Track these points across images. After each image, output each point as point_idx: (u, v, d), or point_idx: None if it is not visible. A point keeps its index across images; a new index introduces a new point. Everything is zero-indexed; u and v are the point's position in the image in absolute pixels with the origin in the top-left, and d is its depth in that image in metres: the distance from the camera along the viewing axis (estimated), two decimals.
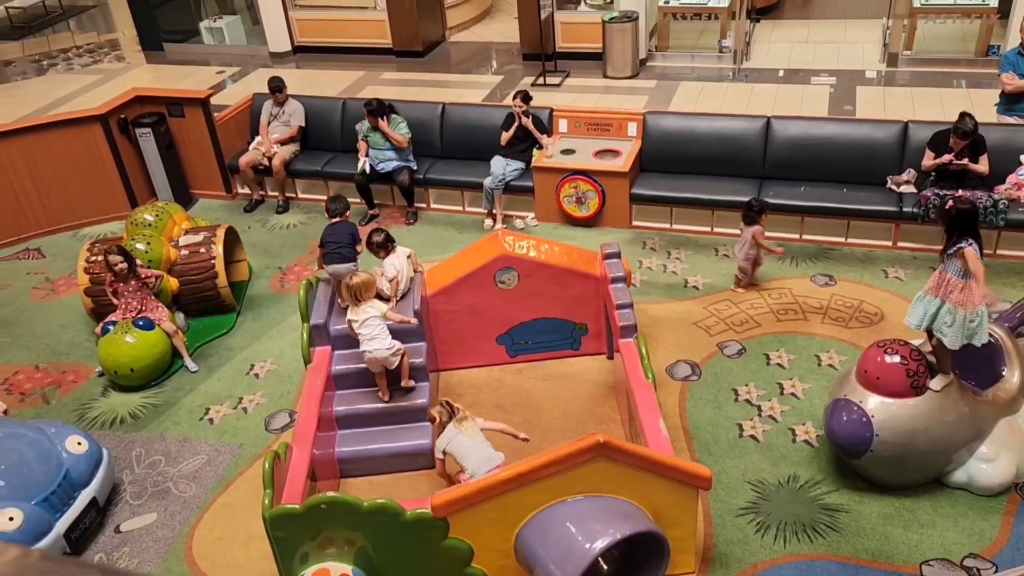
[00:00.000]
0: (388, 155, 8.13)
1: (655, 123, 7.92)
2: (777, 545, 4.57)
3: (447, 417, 4.89)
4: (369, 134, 8.12)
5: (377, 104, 8.00)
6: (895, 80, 10.82)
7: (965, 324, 4.36)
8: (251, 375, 6.32)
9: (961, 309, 4.36)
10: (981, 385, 4.86)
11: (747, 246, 6.56)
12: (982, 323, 4.38)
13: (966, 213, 4.39)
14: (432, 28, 13.29)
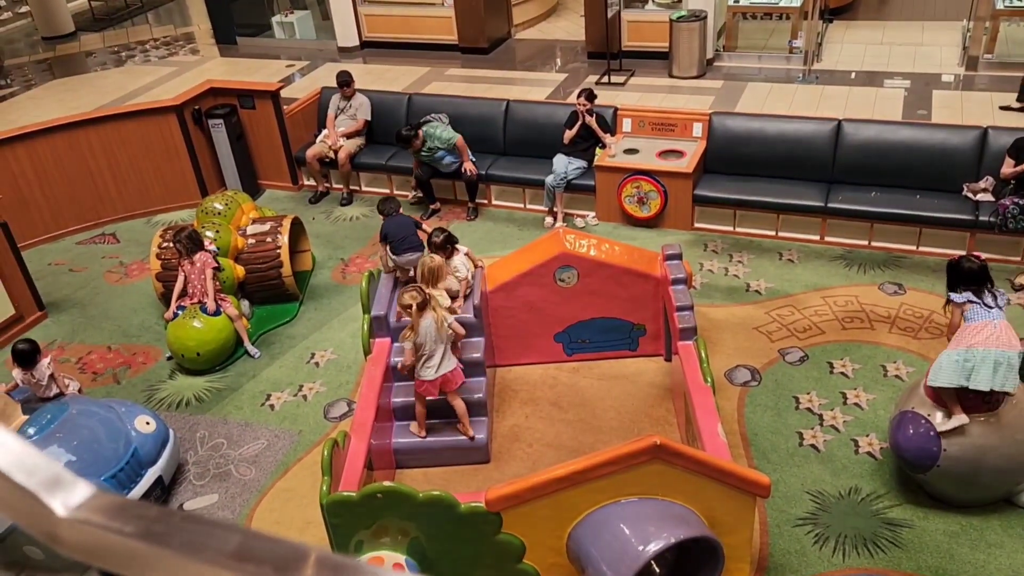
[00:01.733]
0: (445, 161, 8.07)
1: (721, 124, 7.81)
2: (836, 558, 4.47)
3: (422, 303, 4.88)
4: (417, 154, 8.08)
5: (401, 135, 7.94)
6: (974, 84, 10.45)
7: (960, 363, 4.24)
8: (311, 363, 6.44)
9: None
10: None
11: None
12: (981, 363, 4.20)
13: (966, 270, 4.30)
14: (498, 25, 13.33)
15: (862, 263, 6.99)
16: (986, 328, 4.31)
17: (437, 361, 5.00)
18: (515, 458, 5.32)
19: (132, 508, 0.71)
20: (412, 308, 4.91)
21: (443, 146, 7.99)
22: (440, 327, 4.96)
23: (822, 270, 6.97)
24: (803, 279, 6.87)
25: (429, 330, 4.95)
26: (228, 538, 0.68)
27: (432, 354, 4.98)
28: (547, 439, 5.44)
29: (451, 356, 5.08)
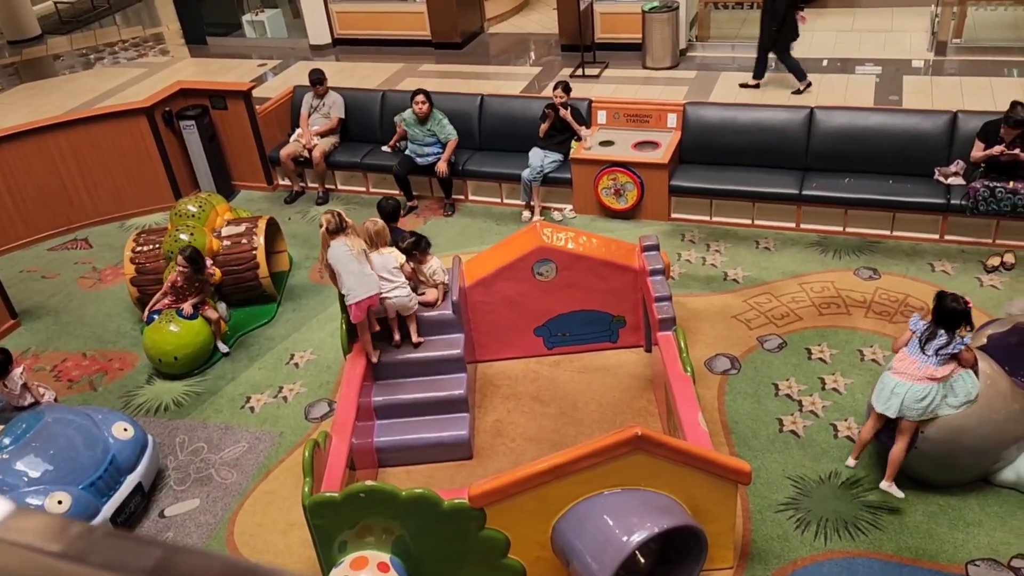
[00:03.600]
0: (429, 150, 8.14)
1: (695, 114, 7.83)
2: (817, 542, 4.51)
3: (335, 227, 4.99)
4: (412, 127, 8.13)
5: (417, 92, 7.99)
6: (943, 69, 10.54)
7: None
8: (291, 364, 6.40)
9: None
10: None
11: None
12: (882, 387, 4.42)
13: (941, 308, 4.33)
14: (471, 20, 13.28)
15: (837, 249, 7.05)
16: (904, 360, 4.39)
17: (352, 284, 5.00)
18: (498, 453, 5.32)
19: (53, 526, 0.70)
20: (323, 229, 5.04)
21: (441, 136, 8.00)
22: (357, 255, 5.03)
23: (798, 257, 7.02)
24: (780, 266, 6.92)
25: (339, 256, 5.01)
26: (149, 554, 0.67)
27: (352, 292, 5.01)
28: (529, 433, 5.44)
29: (376, 280, 5.09)
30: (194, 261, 6.23)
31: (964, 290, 6.28)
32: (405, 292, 5.29)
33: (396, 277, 5.26)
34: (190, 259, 6.22)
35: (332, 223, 5.06)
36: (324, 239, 5.11)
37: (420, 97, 7.94)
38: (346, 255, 5.04)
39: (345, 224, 5.10)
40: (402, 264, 5.34)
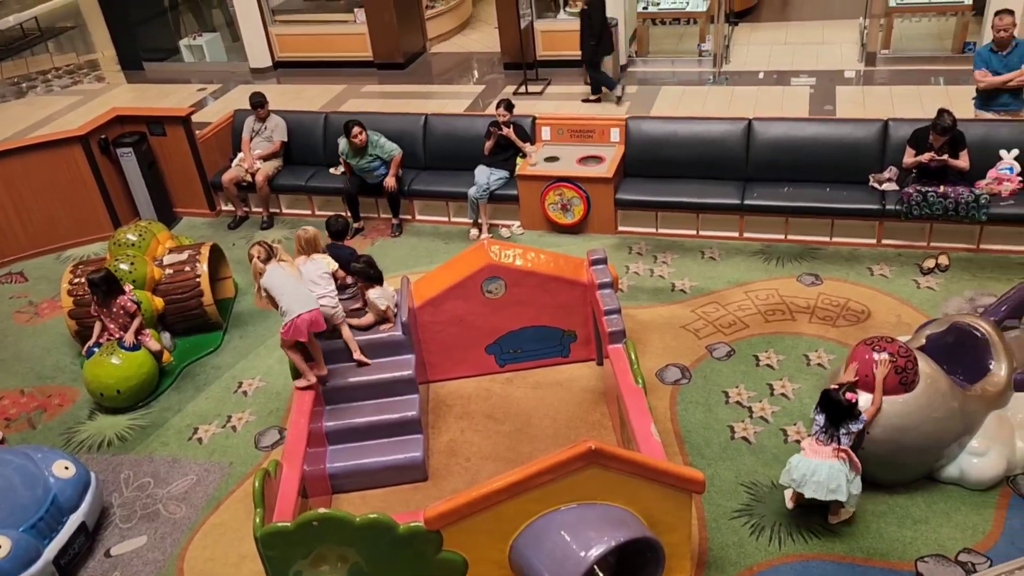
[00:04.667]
0: (376, 172, 8.06)
1: (637, 128, 7.94)
2: (772, 546, 4.56)
3: (265, 255, 5.14)
4: (351, 159, 8.03)
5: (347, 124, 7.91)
6: (874, 79, 10.90)
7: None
8: (239, 393, 6.28)
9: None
10: (969, 379, 4.88)
11: None
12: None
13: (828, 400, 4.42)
14: (412, 40, 13.31)
15: (780, 257, 7.19)
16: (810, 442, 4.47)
17: (288, 304, 5.05)
18: (453, 474, 5.28)
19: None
20: (253, 261, 5.17)
21: (383, 156, 7.98)
22: (294, 275, 5.14)
23: (743, 266, 7.14)
24: (725, 276, 7.03)
25: (274, 280, 5.09)
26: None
27: (290, 311, 5.05)
28: (484, 452, 5.41)
29: (312, 296, 5.14)
30: (96, 286, 6.07)
31: (902, 293, 6.50)
32: (332, 301, 5.31)
33: (324, 284, 5.30)
34: (92, 284, 6.07)
35: (262, 254, 5.17)
36: (256, 269, 5.17)
37: (356, 129, 7.80)
38: (281, 277, 5.12)
39: (274, 252, 5.21)
40: (334, 271, 5.39)
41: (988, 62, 7.38)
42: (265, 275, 5.13)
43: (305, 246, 5.44)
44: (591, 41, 10.47)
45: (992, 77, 7.33)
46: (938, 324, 5.25)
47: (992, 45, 7.36)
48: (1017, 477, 4.78)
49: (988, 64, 7.37)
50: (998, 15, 7.28)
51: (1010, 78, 7.25)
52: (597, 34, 10.40)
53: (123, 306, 6.16)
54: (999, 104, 7.43)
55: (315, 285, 5.28)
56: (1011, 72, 7.25)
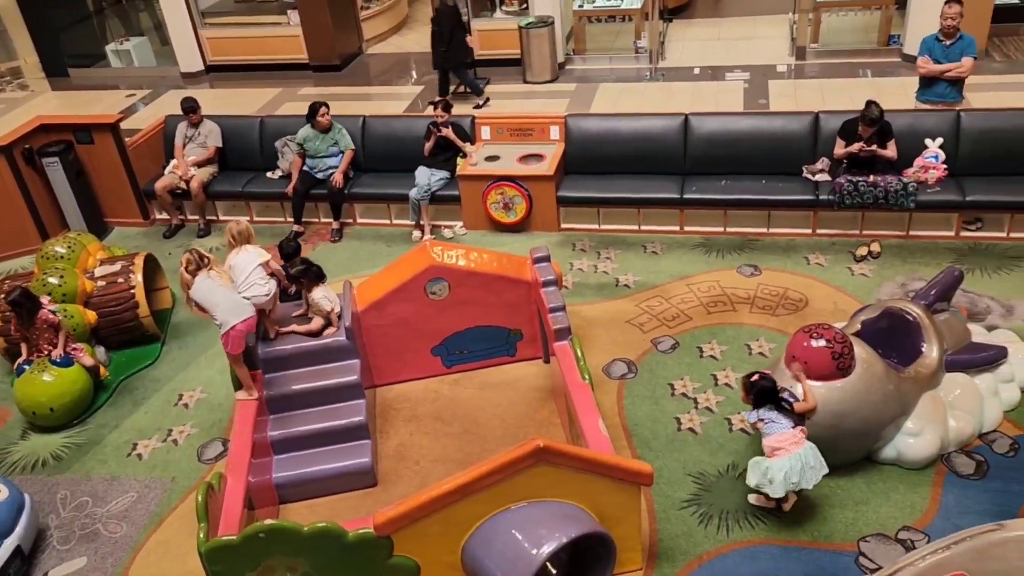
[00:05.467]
0: (331, 161, 8.05)
1: (577, 125, 7.98)
2: (720, 534, 4.63)
3: (195, 266, 5.00)
4: (312, 142, 7.99)
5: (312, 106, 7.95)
6: (804, 73, 11.16)
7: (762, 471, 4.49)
8: (180, 405, 6.13)
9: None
10: (903, 362, 5.02)
11: None
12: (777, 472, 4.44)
13: (761, 389, 4.50)
14: (348, 41, 13.17)
15: (720, 249, 7.31)
16: (782, 438, 4.45)
17: (223, 314, 4.94)
18: (403, 478, 5.23)
19: None
20: (182, 269, 5.04)
21: (341, 145, 8.02)
22: (225, 284, 5.03)
23: (684, 259, 7.24)
24: (668, 269, 7.11)
25: (204, 291, 4.98)
26: None
27: (225, 322, 4.94)
28: (434, 455, 5.38)
29: (246, 303, 5.05)
30: (18, 306, 5.87)
31: (837, 280, 6.66)
32: (263, 290, 5.21)
33: (255, 276, 5.21)
34: (12, 303, 5.87)
35: (192, 263, 5.03)
36: (185, 280, 5.02)
37: (324, 109, 7.92)
38: (211, 287, 4.98)
39: (205, 260, 5.06)
40: (267, 261, 5.30)
41: (931, 50, 7.52)
42: (194, 287, 5.00)
43: (237, 237, 5.35)
44: (440, 48, 10.70)
45: (932, 65, 7.52)
46: (872, 310, 5.39)
47: (939, 34, 7.52)
48: (951, 455, 4.94)
49: (931, 52, 7.52)
50: (947, 3, 7.40)
51: (947, 68, 7.42)
52: (446, 41, 10.62)
53: (45, 319, 5.95)
54: (936, 94, 7.59)
55: (243, 273, 5.18)
56: (950, 63, 7.43)
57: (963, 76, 7.42)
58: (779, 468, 4.40)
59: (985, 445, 5.00)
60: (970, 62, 7.38)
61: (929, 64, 7.51)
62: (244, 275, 5.19)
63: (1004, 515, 4.39)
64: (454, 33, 10.67)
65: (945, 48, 7.44)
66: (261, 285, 5.21)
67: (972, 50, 7.38)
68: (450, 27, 10.64)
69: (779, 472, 4.39)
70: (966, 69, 7.39)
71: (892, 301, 5.39)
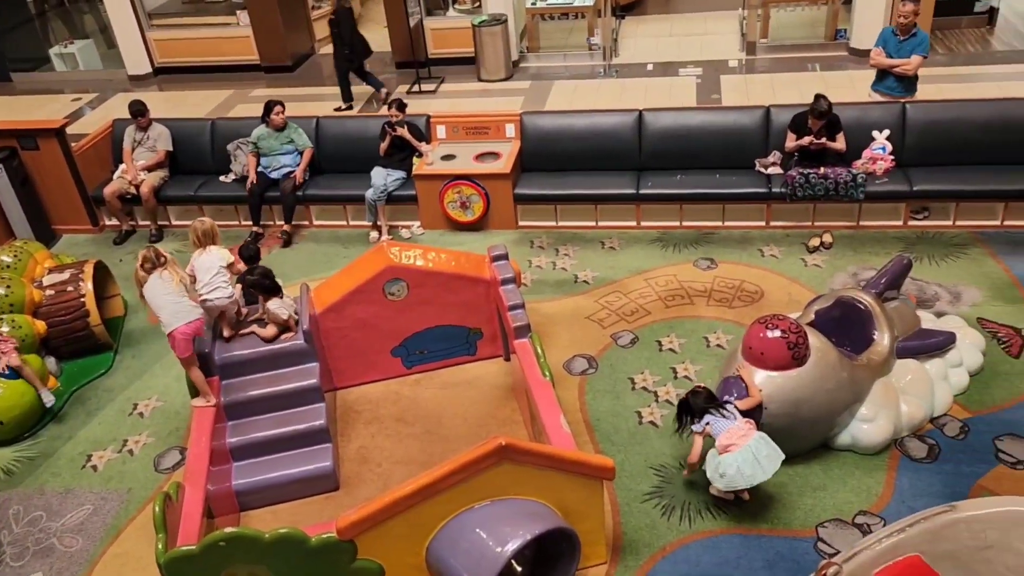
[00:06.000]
0: (286, 159, 7.97)
1: (532, 123, 8.00)
2: (683, 525, 4.68)
3: (150, 264, 5.04)
4: (267, 140, 7.92)
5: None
6: (755, 67, 11.32)
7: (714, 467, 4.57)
8: (135, 415, 6.01)
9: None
10: (856, 350, 5.13)
11: None
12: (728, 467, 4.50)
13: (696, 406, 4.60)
14: (300, 41, 13.03)
15: (676, 243, 7.38)
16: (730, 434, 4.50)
17: (167, 317, 4.97)
18: (365, 481, 5.20)
19: None
20: (137, 266, 5.07)
21: (299, 143, 7.96)
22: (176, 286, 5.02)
23: (642, 254, 7.30)
24: (626, 264, 7.16)
25: (153, 291, 5.00)
26: None
27: (169, 324, 4.98)
28: (396, 456, 5.35)
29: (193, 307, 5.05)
30: None
31: (791, 272, 6.77)
32: (226, 293, 5.25)
33: (219, 278, 5.22)
34: None
35: (148, 260, 5.05)
36: (139, 277, 5.05)
37: (279, 108, 7.87)
38: (159, 288, 5.00)
39: (162, 259, 5.08)
40: (230, 264, 5.31)
41: (886, 43, 7.64)
42: (146, 286, 5.02)
43: (202, 237, 5.35)
44: (344, 50, 10.71)
45: (882, 58, 7.64)
46: (825, 299, 5.49)
47: (895, 28, 7.62)
48: (904, 439, 5.06)
49: (885, 45, 7.64)
50: (902, 2, 7.54)
51: (895, 64, 7.56)
52: (348, 42, 10.65)
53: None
54: (886, 87, 7.75)
55: (207, 274, 5.21)
56: (901, 59, 7.56)
57: (908, 73, 7.58)
58: (730, 463, 4.45)
59: (936, 429, 5.13)
60: (918, 60, 7.51)
61: (880, 57, 7.65)
62: (208, 276, 5.21)
63: (956, 496, 4.52)
64: (354, 35, 10.70)
65: (899, 43, 7.59)
66: (224, 288, 5.24)
67: (923, 49, 7.54)
68: (349, 28, 10.66)
69: (731, 467, 4.45)
70: (912, 67, 7.53)
71: (844, 291, 5.50)
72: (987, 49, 11.16)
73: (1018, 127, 7.08)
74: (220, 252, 5.33)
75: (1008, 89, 9.18)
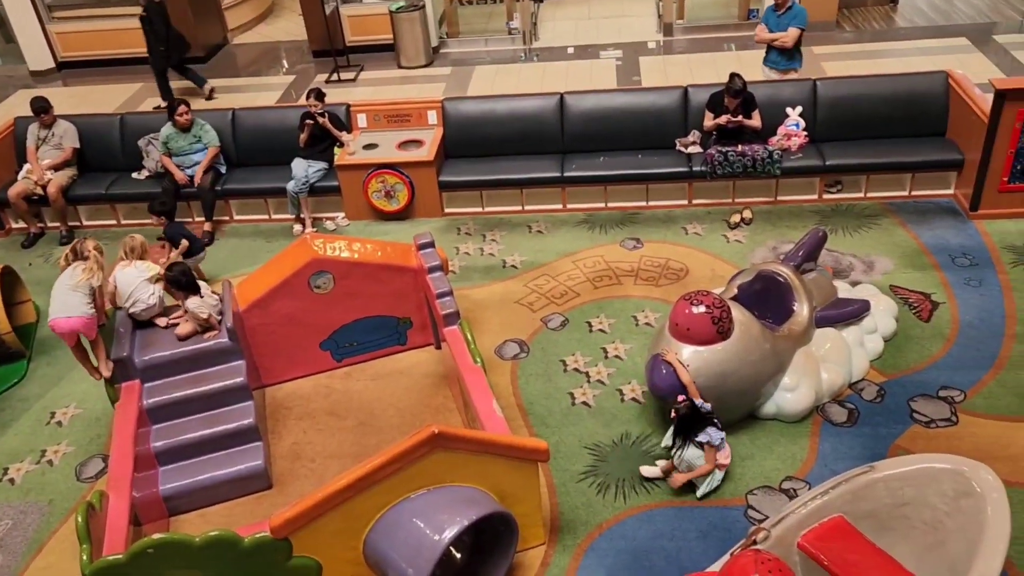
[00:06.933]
0: (196, 158, 7.77)
1: (454, 109, 7.95)
2: (618, 502, 4.76)
3: (73, 256, 5.20)
4: (175, 140, 7.70)
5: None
6: (673, 48, 11.49)
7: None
8: (53, 424, 5.78)
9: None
10: (777, 322, 5.28)
11: None
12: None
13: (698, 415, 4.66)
14: (211, 31, 12.64)
15: (602, 224, 7.46)
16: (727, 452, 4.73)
17: (53, 308, 5.10)
18: (299, 477, 5.12)
19: None
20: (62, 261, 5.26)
21: (205, 143, 7.77)
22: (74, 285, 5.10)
23: (569, 236, 7.35)
24: (553, 247, 7.21)
25: (57, 282, 5.16)
26: None
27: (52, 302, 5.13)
28: (329, 451, 5.28)
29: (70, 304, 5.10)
30: None
31: (714, 248, 6.92)
32: (151, 303, 5.30)
33: (141, 291, 5.24)
34: None
35: (73, 252, 5.20)
36: (61, 268, 5.19)
37: (183, 108, 7.66)
38: (63, 279, 5.13)
39: (84, 254, 5.17)
40: (154, 277, 5.31)
41: (768, 19, 8.02)
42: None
43: (128, 253, 5.43)
44: (160, 47, 10.43)
45: (764, 34, 8.02)
46: (747, 274, 5.63)
47: (774, 5, 7.96)
48: (825, 405, 5.24)
49: (768, 21, 8.02)
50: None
51: (775, 38, 7.95)
52: (163, 39, 10.39)
53: None
54: (771, 61, 8.15)
55: (127, 289, 5.25)
56: (779, 32, 7.91)
57: (787, 46, 7.90)
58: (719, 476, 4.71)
59: (855, 394, 5.33)
60: (795, 32, 7.87)
61: (763, 32, 8.03)
62: (128, 291, 5.26)
63: (875, 457, 4.70)
64: (168, 30, 10.39)
65: (778, 18, 7.91)
66: (144, 301, 5.29)
67: (799, 21, 7.87)
68: (164, 23, 10.33)
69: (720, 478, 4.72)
70: (789, 39, 7.90)
71: (764, 264, 5.64)
72: (891, 26, 11.56)
73: (922, 100, 7.38)
74: (143, 266, 5.35)
75: (911, 64, 9.55)
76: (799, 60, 8.09)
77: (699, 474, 4.67)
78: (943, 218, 7.06)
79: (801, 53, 8.11)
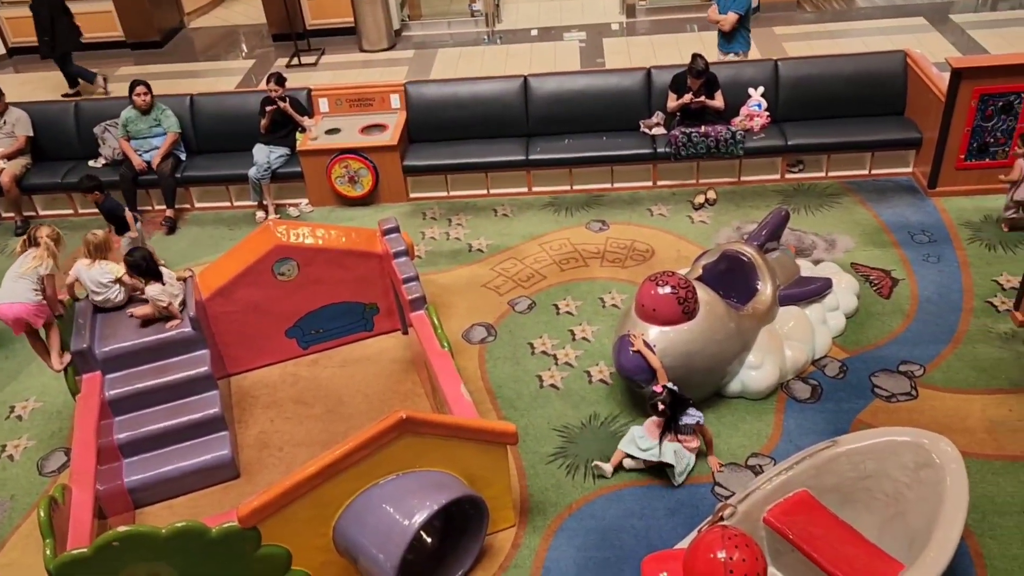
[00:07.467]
0: (156, 143, 7.64)
1: (417, 92, 7.88)
2: (587, 483, 4.79)
3: (29, 244, 5.31)
4: (134, 123, 7.57)
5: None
6: (636, 30, 11.50)
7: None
8: (13, 418, 5.67)
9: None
10: (741, 301, 5.33)
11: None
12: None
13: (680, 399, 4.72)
14: (168, 15, 12.39)
15: (568, 207, 7.46)
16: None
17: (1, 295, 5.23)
18: (267, 466, 5.08)
19: None
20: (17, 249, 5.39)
21: (165, 128, 7.64)
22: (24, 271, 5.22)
23: (534, 219, 7.35)
24: (519, 231, 7.20)
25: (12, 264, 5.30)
26: None
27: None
28: (297, 439, 5.25)
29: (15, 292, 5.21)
30: None
31: (679, 229, 6.96)
32: (120, 300, 5.26)
33: (103, 290, 5.19)
34: None
35: (29, 239, 5.33)
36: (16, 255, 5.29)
37: (141, 88, 7.53)
38: (14, 264, 5.28)
39: (33, 241, 5.28)
40: (120, 277, 5.22)
41: (718, 1, 8.04)
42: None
43: (92, 251, 5.29)
44: (44, 36, 10.09)
45: (717, 15, 8.05)
46: (711, 254, 5.68)
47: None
48: (789, 382, 5.32)
49: (719, 2, 8.05)
50: None
51: (716, 20, 8.06)
52: (47, 28, 10.02)
53: None
54: (720, 44, 8.21)
55: (91, 284, 5.20)
56: (720, 16, 8.01)
57: (723, 28, 8.00)
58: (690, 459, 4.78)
59: (818, 371, 5.41)
60: (732, 17, 7.95)
61: (713, 13, 8.11)
62: (92, 287, 5.21)
63: (838, 432, 4.77)
64: (55, 18, 9.96)
65: (725, 2, 7.96)
66: (112, 301, 5.26)
67: (736, 5, 7.92)
68: (49, 11, 9.90)
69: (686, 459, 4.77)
70: (726, 23, 7.97)
71: (728, 244, 5.69)
72: (851, 6, 11.68)
73: (881, 80, 7.47)
74: (107, 267, 5.24)
75: (871, 44, 9.66)
76: (741, 44, 8.10)
77: (708, 441, 4.82)
78: (902, 196, 7.17)
79: (746, 38, 8.11)
